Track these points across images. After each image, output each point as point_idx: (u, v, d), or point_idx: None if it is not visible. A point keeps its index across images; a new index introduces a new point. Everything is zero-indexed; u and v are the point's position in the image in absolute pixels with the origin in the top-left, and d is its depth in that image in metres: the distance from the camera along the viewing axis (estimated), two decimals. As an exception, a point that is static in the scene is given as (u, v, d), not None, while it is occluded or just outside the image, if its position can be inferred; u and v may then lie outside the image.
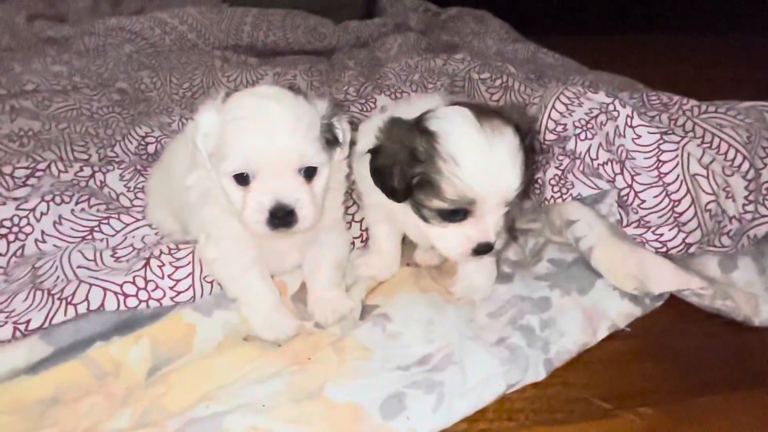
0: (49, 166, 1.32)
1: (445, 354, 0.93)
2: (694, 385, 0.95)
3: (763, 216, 1.24)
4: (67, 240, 1.16)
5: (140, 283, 0.98)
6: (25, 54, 2.33)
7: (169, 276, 1.00)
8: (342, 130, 1.03)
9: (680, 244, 1.16)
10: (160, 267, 1.01)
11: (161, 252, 1.03)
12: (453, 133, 0.86)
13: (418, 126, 0.91)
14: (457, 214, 0.89)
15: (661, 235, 1.17)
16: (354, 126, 1.51)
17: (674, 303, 1.12)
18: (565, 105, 1.33)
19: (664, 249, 1.17)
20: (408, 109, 1.00)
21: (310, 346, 0.96)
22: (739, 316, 1.08)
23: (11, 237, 1.13)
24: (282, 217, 0.89)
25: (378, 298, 1.09)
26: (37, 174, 1.30)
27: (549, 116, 1.33)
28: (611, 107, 1.27)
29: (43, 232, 1.15)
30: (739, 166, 1.23)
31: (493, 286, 1.11)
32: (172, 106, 1.92)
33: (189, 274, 1.02)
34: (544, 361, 0.95)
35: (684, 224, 1.16)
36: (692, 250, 1.17)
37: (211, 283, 1.03)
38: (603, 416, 0.88)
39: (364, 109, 1.61)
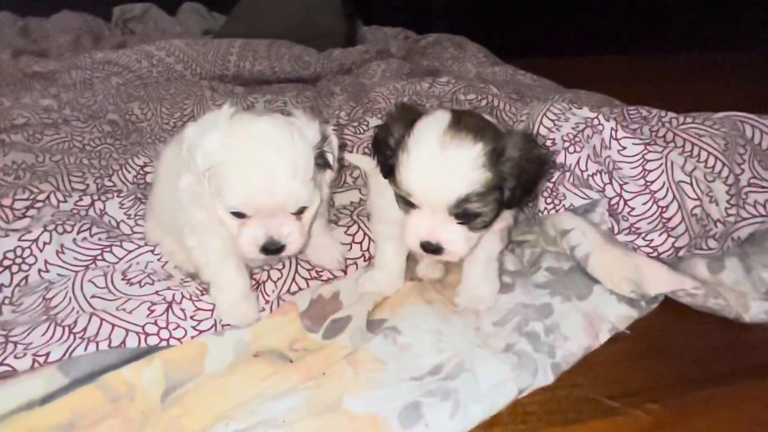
0: (48, 197, 1.32)
1: (456, 362, 0.95)
2: (694, 379, 0.98)
3: (745, 219, 1.31)
4: (70, 269, 1.16)
5: (162, 323, 1.00)
6: (12, 89, 2.33)
7: (191, 317, 1.02)
8: (332, 152, 1.09)
9: (670, 249, 1.21)
10: (182, 311, 1.03)
11: (183, 297, 1.06)
12: (421, 132, 0.93)
13: (413, 119, 0.97)
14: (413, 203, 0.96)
15: (651, 240, 1.22)
16: (348, 148, 1.56)
17: (668, 305, 1.17)
18: (552, 121, 1.39)
19: (655, 254, 1.22)
20: None
21: (322, 359, 0.97)
22: (730, 313, 1.12)
23: (14, 268, 1.13)
24: (273, 249, 1.00)
25: (384, 312, 1.11)
26: (37, 205, 1.31)
27: (537, 132, 1.40)
28: (595, 121, 1.34)
29: (46, 262, 1.15)
30: (719, 172, 1.30)
31: (496, 296, 1.14)
32: (164, 135, 1.94)
33: (211, 312, 1.05)
34: (551, 365, 0.98)
35: (672, 229, 1.22)
36: (681, 253, 1.23)
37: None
38: (612, 414, 0.91)
39: (357, 131, 1.65)
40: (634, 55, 3.80)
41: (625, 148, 1.29)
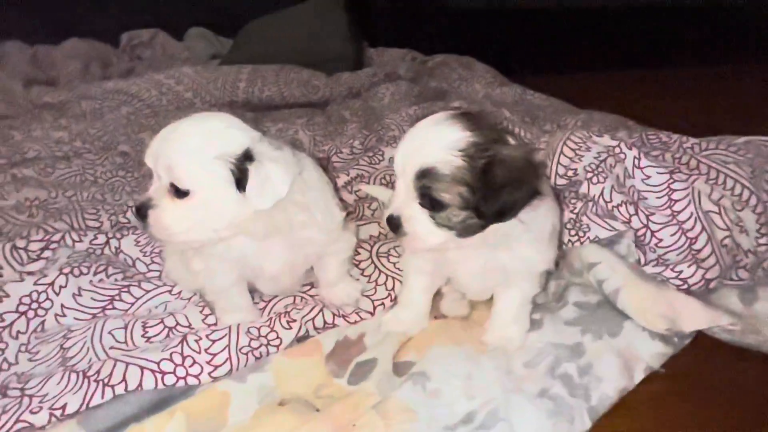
0: (63, 237, 1.30)
1: (489, 410, 0.92)
2: (741, 422, 0.94)
3: (775, 247, 1.27)
4: (87, 311, 1.14)
5: (177, 359, 0.97)
6: (23, 120, 2.33)
7: (206, 350, 0.99)
8: (257, 177, 0.95)
9: (700, 280, 1.18)
10: (197, 341, 0.99)
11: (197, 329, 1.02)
12: None
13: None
14: None
15: (681, 272, 1.19)
16: (365, 179, 1.53)
17: (701, 339, 1.13)
18: (573, 150, 1.37)
19: (685, 286, 1.19)
20: None
21: (350, 408, 0.94)
22: (769, 349, 1.09)
23: (30, 314, 1.11)
24: (140, 213, 0.98)
25: (410, 354, 1.08)
26: (52, 246, 1.29)
27: (558, 162, 1.37)
28: (617, 150, 1.32)
29: (62, 306, 1.13)
30: (747, 200, 1.27)
31: (526, 335, 1.11)
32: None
33: (225, 347, 1.00)
34: (587, 410, 0.94)
35: (703, 261, 1.19)
36: (712, 285, 1.20)
37: (247, 354, 1.01)
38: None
39: (372, 162, 1.63)
40: (646, 70, 3.78)
41: (649, 177, 1.27)
